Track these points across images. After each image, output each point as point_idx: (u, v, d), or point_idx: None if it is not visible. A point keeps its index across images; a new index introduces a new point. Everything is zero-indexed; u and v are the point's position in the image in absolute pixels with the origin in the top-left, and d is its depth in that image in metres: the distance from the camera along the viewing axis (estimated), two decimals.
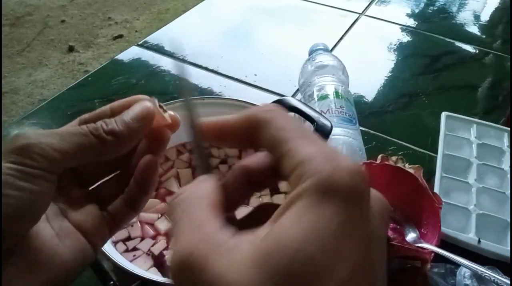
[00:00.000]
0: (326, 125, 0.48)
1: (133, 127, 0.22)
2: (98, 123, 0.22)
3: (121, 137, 0.22)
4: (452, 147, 0.58)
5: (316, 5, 0.96)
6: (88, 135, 0.21)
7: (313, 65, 0.64)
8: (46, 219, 0.21)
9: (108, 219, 0.24)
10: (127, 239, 0.43)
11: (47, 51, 2.02)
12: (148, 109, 0.23)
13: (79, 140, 0.21)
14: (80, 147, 0.21)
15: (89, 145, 0.21)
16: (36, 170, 0.19)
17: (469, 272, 0.42)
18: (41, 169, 0.19)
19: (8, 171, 0.18)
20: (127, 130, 0.22)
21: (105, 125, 0.22)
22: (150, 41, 0.83)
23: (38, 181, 0.19)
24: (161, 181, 0.48)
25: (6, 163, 0.19)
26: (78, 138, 0.21)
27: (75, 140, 0.21)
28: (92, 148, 0.21)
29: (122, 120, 0.22)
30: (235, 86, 0.73)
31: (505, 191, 0.52)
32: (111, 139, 0.21)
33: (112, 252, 0.35)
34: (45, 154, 0.19)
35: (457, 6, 0.99)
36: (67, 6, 2.36)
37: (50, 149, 0.19)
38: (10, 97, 1.75)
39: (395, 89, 0.74)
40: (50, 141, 0.20)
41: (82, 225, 0.22)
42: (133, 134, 0.22)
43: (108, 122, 0.22)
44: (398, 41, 0.86)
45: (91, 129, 0.21)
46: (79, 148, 0.21)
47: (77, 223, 0.22)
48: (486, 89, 0.75)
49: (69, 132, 0.21)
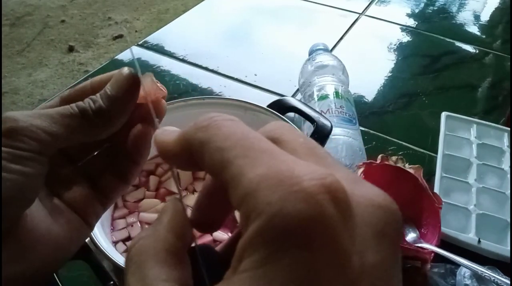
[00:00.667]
0: (326, 126, 0.48)
1: (118, 100, 0.21)
2: (86, 102, 0.21)
3: (110, 116, 0.21)
4: (452, 147, 0.58)
5: (316, 5, 0.96)
6: (78, 116, 0.20)
7: (313, 65, 0.65)
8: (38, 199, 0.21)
9: (99, 194, 0.23)
10: (127, 239, 0.43)
11: (47, 51, 2.02)
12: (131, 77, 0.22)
13: (69, 121, 0.20)
14: (71, 129, 0.20)
15: (79, 125, 0.20)
16: (27, 152, 0.19)
17: (469, 272, 0.42)
18: (32, 151, 0.19)
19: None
20: (114, 106, 0.21)
21: (92, 104, 0.21)
22: (150, 41, 0.83)
23: (29, 163, 0.19)
24: (161, 181, 0.48)
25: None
26: (68, 120, 0.20)
27: (66, 121, 0.20)
28: (82, 128, 0.21)
29: (107, 95, 0.21)
30: (235, 86, 0.73)
31: (505, 191, 0.52)
32: (99, 118, 0.21)
33: (112, 252, 0.35)
34: (35, 136, 0.19)
35: (457, 6, 0.99)
36: (67, 6, 2.36)
37: (41, 132, 0.19)
38: (10, 97, 1.75)
39: (395, 89, 0.74)
40: (41, 124, 0.19)
41: (74, 202, 0.22)
42: (121, 109, 0.21)
43: (94, 100, 0.21)
44: (398, 41, 0.86)
45: (80, 109, 0.21)
46: (70, 129, 0.20)
47: (69, 201, 0.22)
48: (486, 89, 0.75)
49: (59, 113, 0.20)
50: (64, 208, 0.22)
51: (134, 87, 0.22)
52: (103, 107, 0.21)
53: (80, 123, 0.20)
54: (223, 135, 0.13)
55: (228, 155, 0.13)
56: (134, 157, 0.24)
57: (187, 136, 0.15)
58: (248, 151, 0.12)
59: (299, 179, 0.11)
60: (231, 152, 0.13)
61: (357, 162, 0.50)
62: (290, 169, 0.12)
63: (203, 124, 0.14)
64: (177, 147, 0.15)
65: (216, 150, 0.13)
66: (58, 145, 0.20)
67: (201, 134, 0.14)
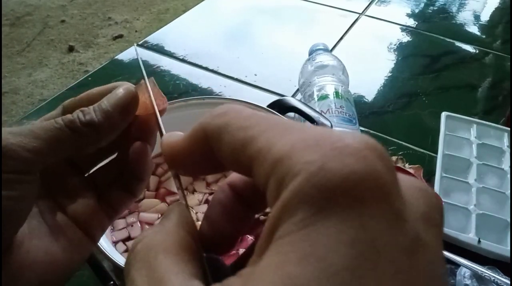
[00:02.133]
0: (326, 125, 0.48)
1: (114, 117, 0.20)
2: (75, 114, 0.20)
3: (101, 129, 0.20)
4: (452, 147, 0.58)
5: (316, 5, 0.96)
6: (63, 129, 0.19)
7: (313, 65, 0.65)
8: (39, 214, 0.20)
9: (106, 206, 0.23)
10: (127, 239, 0.43)
11: (47, 51, 2.02)
12: (131, 95, 0.21)
13: (54, 135, 0.19)
14: (55, 142, 0.19)
15: (65, 139, 0.19)
16: (9, 174, 0.18)
17: (469, 272, 0.42)
18: (14, 172, 0.18)
19: None
20: (107, 121, 0.20)
21: (82, 116, 0.20)
22: (150, 41, 0.83)
23: (15, 186, 0.18)
24: (161, 181, 0.48)
25: None
26: (52, 133, 0.19)
27: (49, 135, 0.19)
28: (69, 142, 0.20)
29: (101, 109, 0.20)
30: (235, 86, 0.73)
31: (505, 191, 0.52)
32: (88, 131, 0.20)
33: (112, 252, 0.35)
34: (15, 155, 0.18)
35: (457, 6, 0.99)
36: (67, 6, 2.36)
37: (21, 150, 0.18)
38: (10, 97, 1.75)
39: (395, 89, 0.74)
40: (21, 141, 0.18)
41: (80, 216, 0.21)
42: (114, 125, 0.20)
43: (86, 112, 0.20)
44: (398, 41, 0.86)
45: (66, 122, 0.20)
46: (54, 143, 0.19)
47: (74, 215, 0.21)
48: (486, 89, 0.75)
49: (42, 128, 0.19)
50: (67, 223, 0.21)
51: (132, 105, 0.21)
52: (95, 120, 0.20)
53: (66, 136, 0.19)
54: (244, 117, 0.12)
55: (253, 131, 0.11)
56: (137, 173, 0.23)
57: (203, 125, 0.13)
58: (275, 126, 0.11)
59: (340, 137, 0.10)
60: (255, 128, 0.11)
61: None
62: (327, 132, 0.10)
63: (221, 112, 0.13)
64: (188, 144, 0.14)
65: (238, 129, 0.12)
66: (44, 160, 0.19)
67: (219, 120, 0.13)
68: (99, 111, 0.20)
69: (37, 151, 0.19)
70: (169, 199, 0.46)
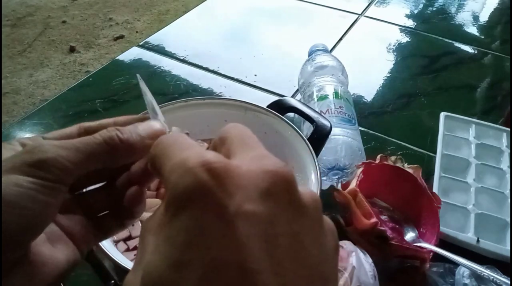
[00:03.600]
0: (325, 126, 0.48)
1: (145, 143, 0.22)
2: (112, 132, 0.22)
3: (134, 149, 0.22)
4: (451, 147, 0.58)
5: (316, 6, 0.97)
6: (102, 145, 0.21)
7: (313, 65, 0.65)
8: None
9: (95, 229, 0.24)
10: (128, 238, 0.43)
11: (48, 52, 2.03)
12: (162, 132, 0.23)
13: (93, 149, 0.21)
14: (93, 156, 0.21)
15: (102, 152, 0.21)
16: (55, 183, 0.20)
17: (468, 272, 0.42)
18: (58, 182, 0.20)
19: (29, 185, 0.19)
20: (140, 143, 0.22)
21: (121, 134, 0.22)
22: (150, 42, 0.84)
23: (53, 193, 0.20)
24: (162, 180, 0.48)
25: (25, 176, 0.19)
26: (92, 148, 0.21)
27: (89, 150, 0.21)
28: (104, 156, 0.22)
29: (136, 132, 0.22)
30: (235, 86, 0.73)
31: (504, 190, 0.53)
32: (123, 147, 0.22)
33: (113, 251, 0.36)
34: (63, 167, 0.20)
35: (456, 7, 0.99)
36: (68, 6, 2.36)
37: (68, 163, 0.20)
38: (12, 98, 1.75)
39: (394, 89, 0.74)
40: (68, 155, 0.20)
41: (70, 230, 0.23)
42: (144, 148, 0.23)
43: (123, 131, 0.22)
44: (397, 42, 0.86)
45: (105, 138, 0.22)
46: (92, 157, 0.21)
47: (64, 228, 0.23)
48: (485, 90, 0.75)
49: (84, 143, 0.21)
50: (61, 233, 0.22)
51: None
52: (131, 140, 0.22)
53: (104, 151, 0.21)
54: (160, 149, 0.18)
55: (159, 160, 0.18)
56: (131, 213, 0.25)
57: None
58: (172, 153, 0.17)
59: (187, 161, 0.15)
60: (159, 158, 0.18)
61: (356, 162, 0.51)
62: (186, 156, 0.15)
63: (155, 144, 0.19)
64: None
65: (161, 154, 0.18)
66: (79, 172, 0.21)
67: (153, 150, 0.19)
68: (134, 133, 0.23)
69: (80, 164, 0.21)
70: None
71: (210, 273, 0.13)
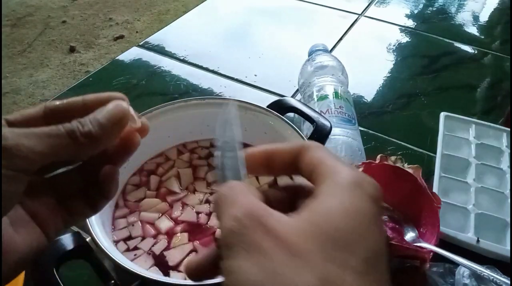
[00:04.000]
0: (325, 126, 0.48)
1: (108, 130, 0.22)
2: (74, 125, 0.21)
3: (96, 140, 0.22)
4: (451, 147, 0.58)
5: (316, 6, 0.97)
6: (65, 137, 0.21)
7: (313, 65, 0.65)
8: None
9: (64, 212, 0.24)
10: (128, 238, 0.43)
11: (48, 52, 2.03)
12: (123, 111, 0.23)
13: (55, 141, 0.21)
14: (56, 148, 0.21)
15: (65, 145, 0.21)
16: (12, 171, 0.19)
17: (468, 272, 0.42)
18: (17, 170, 0.19)
19: None
20: (102, 133, 0.22)
21: (81, 127, 0.21)
22: (151, 42, 0.84)
23: (12, 182, 0.19)
24: (162, 180, 0.48)
25: None
26: (54, 139, 0.20)
27: (51, 141, 0.20)
28: (68, 149, 0.21)
29: (97, 121, 0.22)
30: (235, 86, 0.73)
31: (504, 190, 0.53)
32: (86, 141, 0.21)
33: (113, 251, 0.36)
34: (23, 155, 0.19)
35: (456, 7, 0.99)
36: (68, 6, 2.36)
37: (29, 151, 0.19)
38: (12, 98, 1.75)
39: (394, 89, 0.74)
40: (29, 144, 0.20)
41: (37, 213, 0.22)
42: (107, 137, 0.22)
43: (83, 124, 0.21)
44: (397, 42, 0.86)
45: (67, 130, 0.21)
46: (55, 148, 0.21)
47: (31, 211, 0.22)
48: (485, 90, 0.75)
49: (46, 133, 0.21)
50: (26, 218, 0.22)
51: (124, 122, 0.23)
52: (92, 132, 0.21)
53: (67, 143, 0.21)
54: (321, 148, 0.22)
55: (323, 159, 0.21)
56: (104, 192, 0.24)
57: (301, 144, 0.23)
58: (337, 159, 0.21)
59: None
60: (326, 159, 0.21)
61: (356, 162, 0.51)
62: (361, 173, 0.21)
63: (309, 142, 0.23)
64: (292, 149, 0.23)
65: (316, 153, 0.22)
66: (42, 163, 0.20)
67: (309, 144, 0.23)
68: (96, 125, 0.22)
69: (42, 154, 0.20)
70: (170, 199, 0.46)
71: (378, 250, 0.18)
